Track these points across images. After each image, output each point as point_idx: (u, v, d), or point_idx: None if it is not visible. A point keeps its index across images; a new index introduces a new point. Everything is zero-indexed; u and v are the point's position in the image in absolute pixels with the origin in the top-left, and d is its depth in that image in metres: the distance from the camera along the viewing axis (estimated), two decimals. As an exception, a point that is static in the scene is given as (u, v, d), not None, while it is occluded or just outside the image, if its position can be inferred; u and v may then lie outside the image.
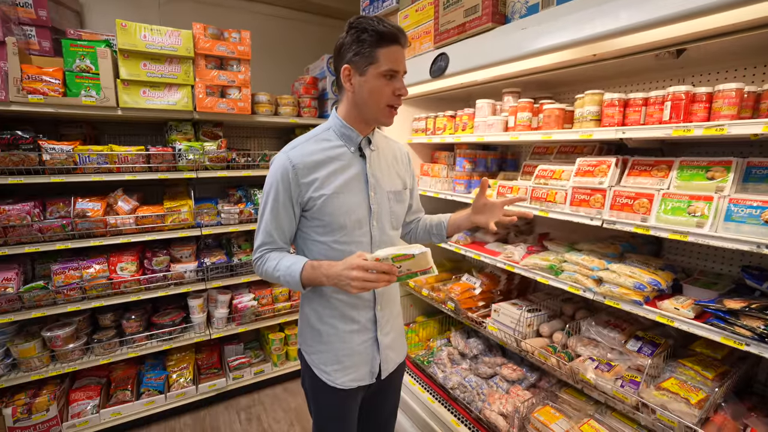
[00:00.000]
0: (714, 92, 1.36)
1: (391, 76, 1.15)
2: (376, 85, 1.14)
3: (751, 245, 1.20)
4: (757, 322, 1.23)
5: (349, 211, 1.23)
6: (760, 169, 1.38)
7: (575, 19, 1.16)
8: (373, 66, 1.12)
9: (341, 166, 1.24)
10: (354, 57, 1.13)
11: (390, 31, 1.11)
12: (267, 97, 2.74)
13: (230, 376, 2.89)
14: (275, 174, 1.20)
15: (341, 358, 1.31)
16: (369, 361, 1.35)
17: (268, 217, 1.23)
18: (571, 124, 1.79)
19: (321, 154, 1.22)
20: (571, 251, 1.84)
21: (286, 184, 1.19)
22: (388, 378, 1.45)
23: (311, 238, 1.27)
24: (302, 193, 1.20)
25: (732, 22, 1.12)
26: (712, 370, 1.50)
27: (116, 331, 2.60)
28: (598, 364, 1.67)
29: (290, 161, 1.19)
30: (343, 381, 1.32)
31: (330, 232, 1.24)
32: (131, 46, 2.19)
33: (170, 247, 2.73)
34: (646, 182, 1.56)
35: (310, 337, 1.35)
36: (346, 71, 1.16)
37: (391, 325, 1.42)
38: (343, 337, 1.31)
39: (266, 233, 1.25)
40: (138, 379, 2.72)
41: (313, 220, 1.24)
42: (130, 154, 2.34)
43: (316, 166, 1.20)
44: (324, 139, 1.26)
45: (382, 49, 1.11)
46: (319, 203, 1.20)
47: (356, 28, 1.13)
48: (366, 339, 1.34)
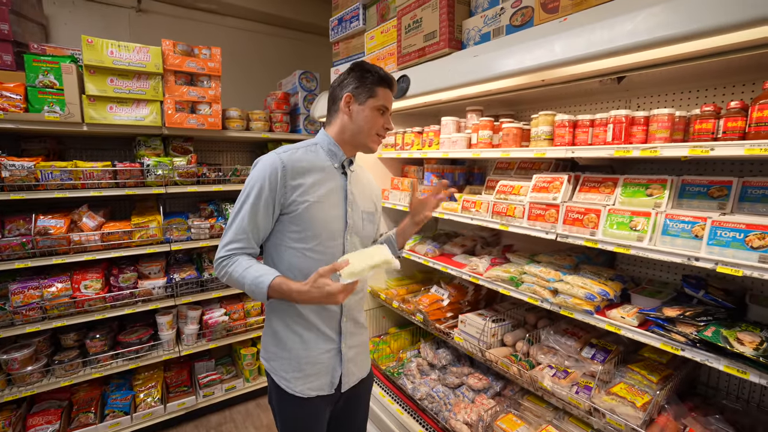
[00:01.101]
0: (650, 116, 1.48)
1: (383, 111, 1.32)
2: (371, 115, 1.30)
3: (683, 258, 1.30)
4: (690, 328, 1.33)
5: (327, 222, 1.29)
6: (693, 186, 1.51)
7: (520, 50, 1.25)
8: (372, 99, 1.29)
9: (325, 177, 1.31)
10: (356, 89, 1.30)
11: (388, 77, 1.32)
12: (238, 113, 2.76)
13: (200, 394, 2.84)
14: (263, 171, 1.23)
15: (302, 366, 1.33)
16: (330, 371, 1.37)
17: (245, 213, 1.23)
18: (529, 142, 1.89)
19: (309, 162, 1.30)
20: (531, 263, 1.92)
21: (273, 182, 1.22)
22: (355, 394, 1.47)
23: (284, 243, 1.29)
24: (287, 194, 1.24)
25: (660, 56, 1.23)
26: (657, 373, 1.60)
27: (79, 351, 2.52)
28: (556, 372, 1.75)
29: (282, 162, 1.24)
30: (302, 389, 1.33)
31: (304, 239, 1.28)
32: (98, 63, 2.18)
33: (138, 264, 2.68)
34: (595, 198, 1.66)
35: (272, 344, 1.37)
36: (347, 98, 1.30)
37: (356, 339, 1.45)
38: (307, 345, 1.33)
39: (240, 230, 1.24)
40: (102, 400, 2.63)
41: (290, 225, 1.27)
42: (95, 170, 2.31)
43: (303, 171, 1.27)
44: (312, 151, 1.34)
45: (380, 89, 1.30)
46: (301, 209, 1.25)
47: (361, 68, 1.31)
48: (329, 349, 1.36)
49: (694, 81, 1.63)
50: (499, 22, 1.44)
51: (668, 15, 0.94)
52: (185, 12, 3.37)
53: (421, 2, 1.67)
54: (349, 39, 2.40)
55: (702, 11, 0.91)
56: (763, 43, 1.08)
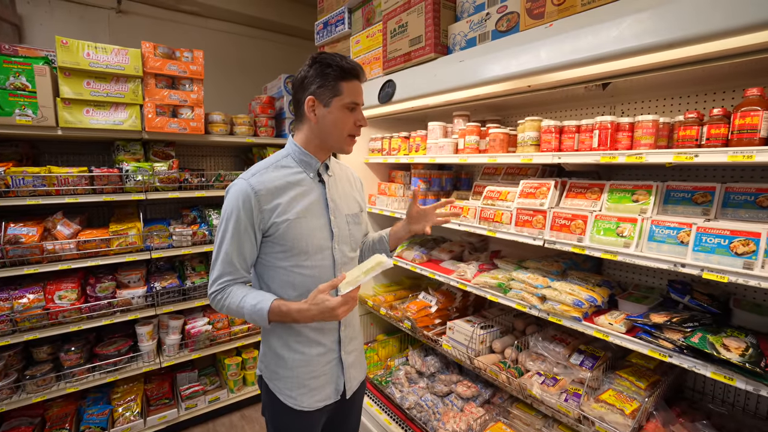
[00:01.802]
0: (635, 122, 1.48)
1: (352, 108, 1.23)
2: (339, 116, 1.21)
3: (670, 264, 1.30)
4: (677, 334, 1.33)
5: (312, 236, 1.25)
6: (678, 192, 1.52)
7: (506, 56, 1.24)
8: (338, 98, 1.19)
9: (302, 192, 1.26)
10: (318, 89, 1.19)
11: (352, 67, 1.20)
12: (222, 117, 2.70)
13: (182, 406, 2.75)
14: (235, 200, 1.19)
15: (306, 382, 1.31)
16: (334, 380, 1.36)
17: (228, 246, 1.20)
18: (516, 147, 1.89)
19: (281, 180, 1.24)
20: (519, 269, 1.91)
21: (248, 211, 1.18)
22: (350, 398, 1.45)
23: (272, 264, 1.26)
24: (265, 219, 1.20)
25: (644, 63, 1.24)
26: (645, 379, 1.60)
27: (53, 365, 2.41)
28: (545, 379, 1.74)
29: (251, 187, 1.19)
30: (310, 403, 1.32)
31: (292, 256, 1.24)
32: (73, 65, 2.10)
33: (117, 272, 2.59)
34: (582, 204, 1.66)
35: (274, 363, 1.33)
36: (310, 102, 1.21)
37: (354, 343, 1.44)
38: (308, 361, 1.31)
39: (227, 262, 1.21)
40: (78, 416, 2.52)
41: (275, 246, 1.23)
42: (71, 175, 2.22)
43: (277, 192, 1.22)
44: (283, 165, 1.28)
45: (346, 83, 1.19)
46: (282, 228, 1.21)
47: (320, 62, 1.19)
48: (330, 359, 1.35)
49: (678, 88, 1.65)
50: (485, 27, 1.43)
51: (653, 23, 0.94)
52: (167, 14, 3.29)
53: (407, 6, 1.66)
54: (334, 43, 2.38)
55: (686, 19, 0.90)
56: (745, 51, 1.09)
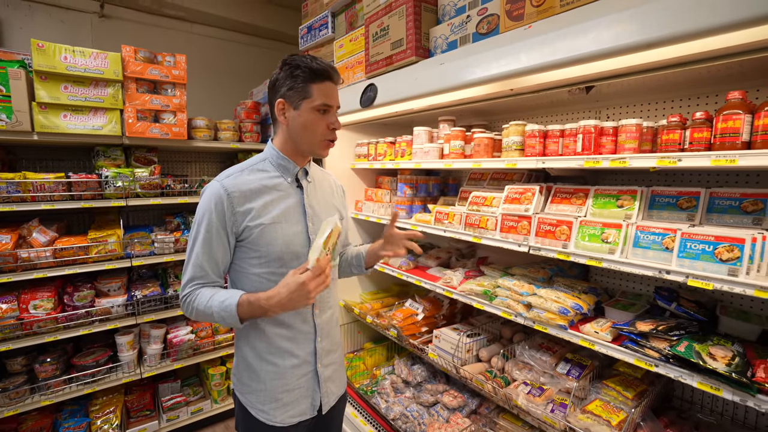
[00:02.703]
0: (619, 127, 1.46)
1: (324, 110, 1.18)
2: (309, 118, 1.17)
3: (655, 271, 1.27)
4: (663, 343, 1.30)
5: (287, 242, 1.21)
6: (662, 197, 1.49)
7: (486, 58, 1.22)
8: (307, 100, 1.16)
9: (278, 197, 1.22)
10: (288, 91, 1.17)
11: (322, 68, 1.16)
12: (205, 122, 2.66)
13: (164, 418, 2.67)
14: (208, 203, 1.16)
15: (279, 395, 1.25)
16: (309, 395, 1.30)
17: (199, 249, 1.16)
18: (501, 152, 1.86)
19: (257, 183, 1.20)
20: (505, 276, 1.88)
21: (220, 213, 1.14)
22: (329, 415, 1.39)
23: (245, 270, 1.22)
24: (237, 222, 1.16)
25: (624, 65, 1.21)
26: (633, 389, 1.56)
27: (28, 377, 2.33)
28: (531, 389, 1.70)
29: (225, 189, 1.15)
30: (283, 418, 1.26)
31: (266, 263, 1.20)
32: (50, 68, 2.06)
33: (96, 280, 2.52)
34: (567, 209, 1.63)
35: (246, 376, 1.28)
36: (280, 105, 1.19)
37: (332, 356, 1.38)
38: (281, 374, 1.25)
39: (197, 267, 1.17)
40: (54, 429, 2.44)
41: (249, 251, 1.19)
42: (47, 181, 2.17)
43: (251, 195, 1.18)
44: (260, 169, 1.24)
45: (315, 85, 1.16)
46: (256, 233, 1.17)
47: (290, 64, 1.17)
48: (305, 372, 1.29)
49: (662, 92, 1.63)
50: (466, 30, 1.40)
51: (630, 23, 0.92)
52: (151, 18, 3.26)
53: (389, 9, 1.63)
54: (318, 47, 2.35)
55: (664, 20, 0.88)
56: (725, 53, 1.07)
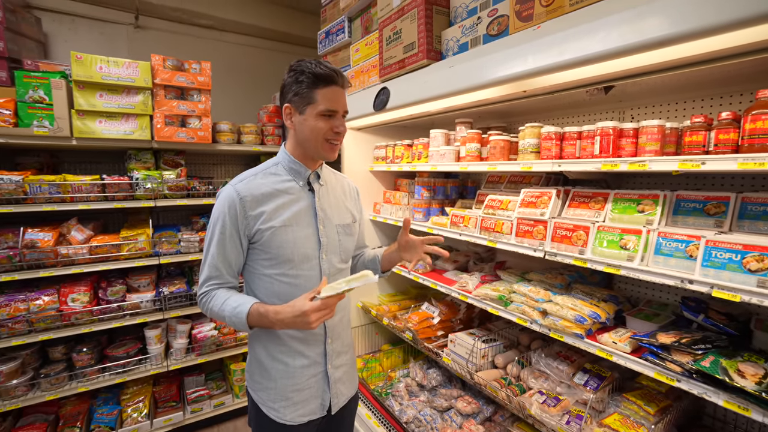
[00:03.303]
0: (639, 128, 1.39)
1: (329, 115, 1.19)
2: (314, 123, 1.19)
3: (676, 280, 1.20)
4: (686, 357, 1.22)
5: (298, 245, 1.23)
6: (688, 202, 1.41)
7: (493, 60, 1.20)
8: (311, 106, 1.17)
9: (290, 200, 1.25)
10: (294, 97, 1.18)
11: (326, 73, 1.15)
12: (229, 126, 2.76)
13: (188, 410, 2.78)
14: (222, 206, 1.20)
15: (289, 394, 1.28)
16: (319, 395, 1.32)
17: (214, 250, 1.21)
18: (517, 155, 1.82)
19: (269, 187, 1.23)
20: (521, 281, 1.83)
21: (233, 216, 1.18)
22: (339, 414, 1.41)
23: (258, 271, 1.25)
24: (250, 225, 1.20)
25: (639, 65, 1.16)
26: (655, 404, 1.48)
27: (66, 365, 2.51)
28: (546, 398, 1.64)
29: (237, 193, 1.19)
30: (293, 417, 1.28)
31: (277, 264, 1.23)
32: (87, 78, 2.20)
33: (128, 277, 2.67)
34: (584, 214, 1.57)
35: (258, 374, 1.32)
36: (287, 110, 1.21)
37: (343, 358, 1.40)
38: (292, 373, 1.28)
39: (212, 267, 1.22)
40: (89, 414, 2.60)
41: (261, 253, 1.23)
42: (84, 183, 2.32)
43: (263, 198, 1.21)
44: (272, 173, 1.27)
45: (320, 90, 1.16)
46: (267, 235, 1.20)
47: (295, 70, 1.18)
48: (316, 373, 1.31)
49: (689, 91, 1.54)
50: (477, 31, 1.38)
51: (639, 22, 0.87)
52: (183, 28, 3.42)
53: (401, 13, 1.63)
54: (336, 52, 2.38)
55: (673, 18, 0.83)
56: (760, 47, 1.00)
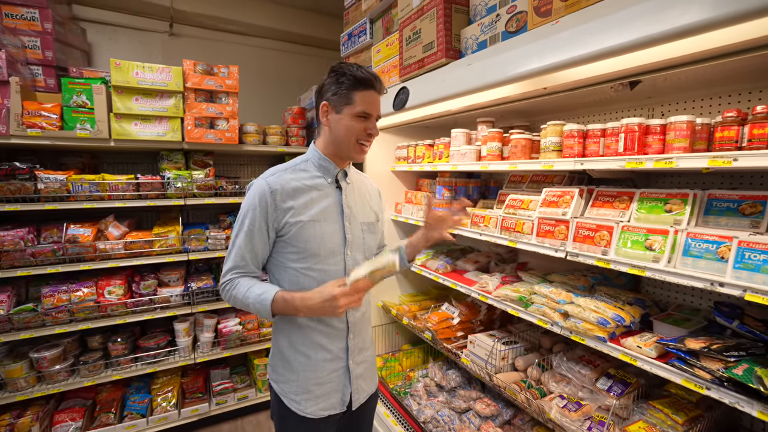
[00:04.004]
0: (667, 124, 1.34)
1: (364, 117, 1.24)
2: (349, 123, 1.23)
3: (705, 282, 1.15)
4: (716, 364, 1.17)
5: (324, 240, 1.26)
6: (721, 201, 1.34)
7: (510, 57, 1.19)
8: (349, 106, 1.22)
9: (318, 196, 1.29)
10: (332, 96, 1.23)
11: (366, 78, 1.21)
12: (255, 127, 2.85)
13: (214, 401, 2.88)
14: (253, 198, 1.24)
15: (311, 387, 1.31)
16: (340, 389, 1.34)
17: (242, 241, 1.25)
18: (539, 153, 1.79)
19: (298, 182, 1.27)
20: (542, 283, 1.79)
21: (263, 209, 1.22)
22: (360, 411, 1.43)
23: (284, 264, 1.29)
24: (279, 218, 1.23)
25: (663, 58, 1.12)
26: (684, 413, 1.42)
27: (103, 354, 2.66)
28: (567, 403, 1.60)
29: (269, 186, 1.23)
30: (314, 410, 1.31)
31: (303, 258, 1.26)
32: (124, 83, 2.34)
33: (159, 272, 2.80)
34: (608, 214, 1.53)
35: (280, 365, 1.35)
36: (324, 108, 1.26)
37: (364, 354, 1.42)
38: (314, 366, 1.31)
39: (239, 256, 1.26)
40: (123, 401, 2.74)
41: (288, 246, 1.26)
42: (120, 182, 2.46)
43: (293, 193, 1.25)
44: (302, 169, 1.31)
45: (359, 93, 1.21)
46: (295, 229, 1.24)
47: (336, 72, 1.23)
48: (337, 368, 1.34)
49: (723, 85, 1.46)
50: (495, 29, 1.37)
51: (660, 13, 0.85)
52: (213, 34, 3.57)
53: (420, 13, 1.64)
54: (358, 53, 2.42)
55: (694, 7, 0.80)
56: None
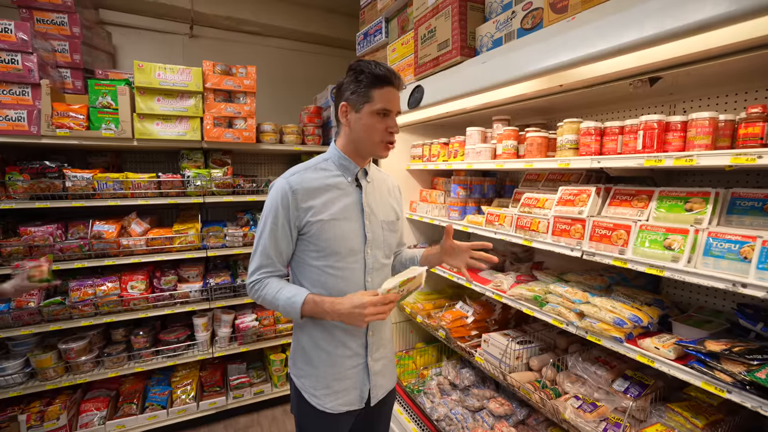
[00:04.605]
0: (688, 121, 1.31)
1: (384, 114, 1.23)
2: (369, 122, 1.23)
3: (727, 283, 1.12)
4: (738, 366, 1.14)
5: (345, 238, 1.28)
6: (745, 200, 1.30)
7: (524, 54, 1.18)
8: (368, 104, 1.22)
9: (339, 195, 1.30)
10: (351, 95, 1.23)
11: (384, 74, 1.21)
12: (272, 127, 2.90)
13: (231, 395, 2.95)
14: (275, 198, 1.26)
15: (330, 383, 1.33)
16: (359, 386, 1.36)
17: (267, 240, 1.27)
18: (555, 152, 1.77)
19: (319, 181, 1.28)
20: (558, 282, 1.78)
21: (285, 208, 1.24)
22: (377, 407, 1.44)
23: (306, 262, 1.31)
24: (300, 217, 1.25)
25: (696, 50, 1.09)
26: (704, 417, 1.38)
27: (126, 346, 2.75)
28: (582, 403, 1.58)
29: (290, 186, 1.25)
30: (333, 405, 1.33)
31: (324, 257, 1.28)
32: (147, 84, 2.42)
33: (179, 268, 2.88)
34: (626, 213, 1.50)
35: (301, 360, 1.37)
36: (343, 108, 1.26)
37: (382, 351, 1.43)
38: (334, 362, 1.33)
39: (265, 255, 1.28)
40: (144, 393, 2.83)
41: (309, 245, 1.28)
42: (142, 180, 2.54)
43: (314, 192, 1.27)
44: (322, 168, 1.32)
45: (377, 90, 1.21)
46: (316, 228, 1.25)
47: (355, 70, 1.24)
48: (356, 364, 1.35)
49: (749, 81, 1.42)
50: (511, 26, 1.36)
51: (672, 9, 0.83)
52: (231, 35, 3.64)
53: (436, 11, 1.65)
54: (374, 52, 2.44)
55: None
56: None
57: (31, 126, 2.24)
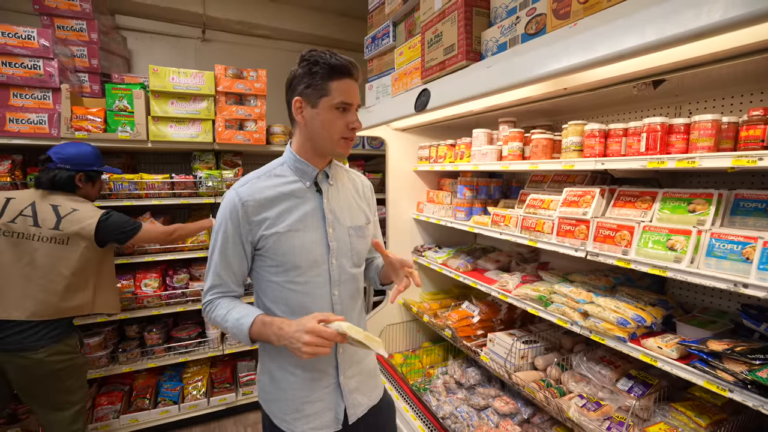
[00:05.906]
0: (691, 123, 1.33)
1: (344, 108, 1.12)
2: (328, 117, 1.11)
3: (728, 283, 1.14)
4: (740, 366, 1.15)
5: (305, 250, 1.16)
6: (748, 201, 1.32)
7: (528, 59, 1.21)
8: (326, 98, 1.10)
9: (295, 203, 1.17)
10: (306, 89, 1.11)
11: (342, 64, 1.09)
12: (281, 128, 2.96)
13: (240, 392, 3.01)
14: (224, 212, 1.14)
15: (300, 406, 1.22)
16: (333, 407, 1.25)
17: (217, 258, 1.16)
18: (560, 153, 1.79)
19: (273, 190, 1.16)
20: (563, 282, 1.80)
21: (235, 223, 1.13)
22: (373, 424, 1.36)
23: (265, 278, 1.20)
24: (253, 231, 1.14)
25: (698, 54, 1.12)
26: (708, 416, 1.40)
27: (139, 342, 2.83)
28: (586, 402, 1.60)
29: (239, 197, 1.13)
30: (304, 429, 1.22)
31: (284, 272, 1.16)
32: (161, 88, 2.49)
33: (191, 266, 2.95)
34: (630, 214, 1.52)
35: (268, 384, 1.27)
36: (297, 103, 1.13)
37: (356, 367, 1.30)
38: (302, 385, 1.22)
39: (215, 275, 1.18)
40: (157, 388, 2.91)
41: (266, 260, 1.17)
42: (156, 181, 2.62)
43: (267, 203, 1.14)
44: (277, 174, 1.19)
45: (335, 82, 1.09)
46: (272, 242, 1.14)
47: (308, 60, 1.11)
48: (327, 385, 1.24)
49: (755, 83, 1.43)
50: (515, 31, 1.40)
51: (669, 17, 0.86)
52: (243, 39, 3.72)
53: (442, 16, 1.68)
54: (381, 56, 2.48)
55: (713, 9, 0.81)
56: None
57: (51, 129, 2.33)
